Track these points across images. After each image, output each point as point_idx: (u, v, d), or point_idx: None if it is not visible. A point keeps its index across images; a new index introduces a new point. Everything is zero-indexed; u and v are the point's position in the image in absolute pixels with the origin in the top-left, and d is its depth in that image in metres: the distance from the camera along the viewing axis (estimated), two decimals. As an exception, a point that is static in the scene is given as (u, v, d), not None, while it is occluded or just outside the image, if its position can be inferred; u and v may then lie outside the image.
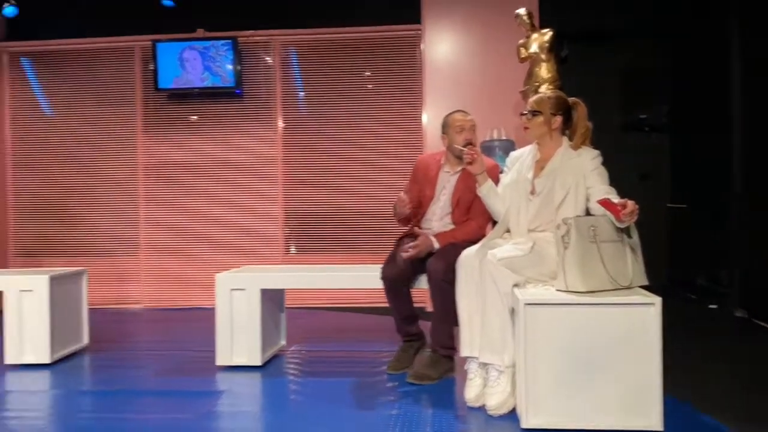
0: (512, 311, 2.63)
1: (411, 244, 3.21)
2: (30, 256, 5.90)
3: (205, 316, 3.94)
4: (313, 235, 5.69)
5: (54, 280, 3.64)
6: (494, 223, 3.19)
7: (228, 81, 5.52)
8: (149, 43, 5.63)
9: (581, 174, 2.82)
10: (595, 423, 2.39)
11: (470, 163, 2.99)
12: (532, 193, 2.90)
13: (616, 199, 2.59)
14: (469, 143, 3.22)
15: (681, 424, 2.48)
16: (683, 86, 5.84)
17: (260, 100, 5.73)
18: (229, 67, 5.51)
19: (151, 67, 5.63)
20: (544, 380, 2.43)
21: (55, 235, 5.91)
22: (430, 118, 5.33)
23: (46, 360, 3.58)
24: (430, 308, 5.02)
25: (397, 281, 3.22)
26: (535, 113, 2.92)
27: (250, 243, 5.71)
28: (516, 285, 2.66)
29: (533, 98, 3.00)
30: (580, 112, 2.94)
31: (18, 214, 5.95)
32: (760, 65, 4.50)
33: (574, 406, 2.41)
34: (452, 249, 3.07)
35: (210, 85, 5.55)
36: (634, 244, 2.65)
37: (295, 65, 5.73)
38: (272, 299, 3.69)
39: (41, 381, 3.35)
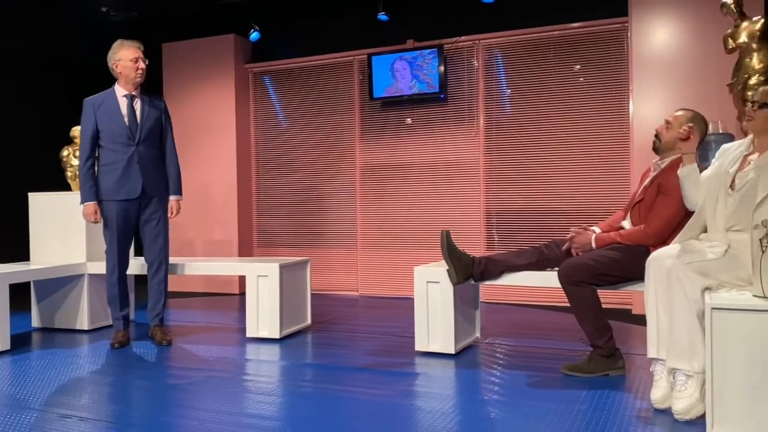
0: (703, 315, 2.54)
1: (571, 240, 3.34)
2: (269, 246, 6.86)
3: (411, 305, 4.26)
4: (514, 232, 5.80)
5: (283, 268, 4.28)
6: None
7: (433, 87, 5.88)
8: (365, 56, 6.21)
9: None
10: (792, 439, 2.24)
11: (683, 140, 2.94)
12: (732, 187, 2.72)
13: None
14: (655, 134, 3.25)
15: None
16: None
17: (462, 102, 6.00)
18: (435, 73, 5.86)
19: (362, 77, 6.21)
20: (733, 388, 2.32)
21: (289, 229, 6.80)
22: (636, 113, 5.14)
23: (276, 335, 4.23)
24: (635, 310, 4.88)
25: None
26: (764, 105, 2.68)
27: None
28: (708, 289, 2.56)
29: (765, 88, 2.76)
30: None
31: (260, 211, 6.95)
32: None
33: (766, 418, 2.27)
34: (589, 253, 3.22)
35: (417, 92, 5.96)
36: None
37: (497, 66, 5.90)
38: (467, 293, 3.91)
39: (272, 353, 3.98)
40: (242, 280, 6.47)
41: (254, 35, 6.55)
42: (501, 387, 3.14)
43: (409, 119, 6.20)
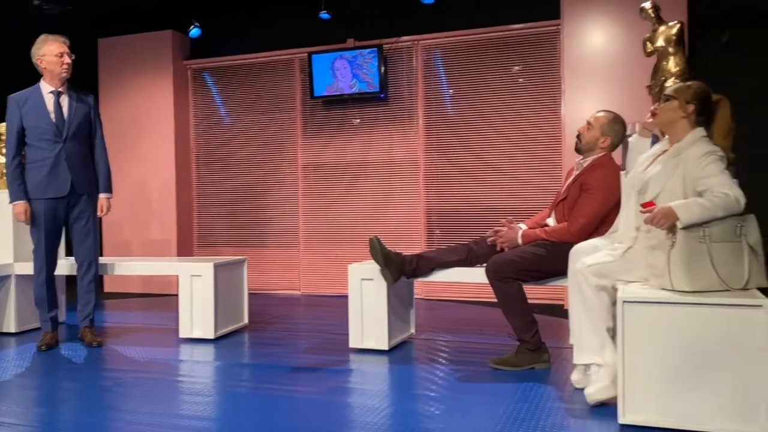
0: (605, 313, 2.72)
1: (497, 229, 3.44)
2: (211, 246, 6.77)
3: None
4: (454, 229, 5.89)
5: (218, 267, 4.24)
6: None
7: (373, 86, 5.92)
8: (306, 55, 6.20)
9: (681, 171, 2.62)
10: (695, 425, 2.35)
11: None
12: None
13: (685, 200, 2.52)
14: (577, 135, 3.39)
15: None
16: None
17: (403, 102, 6.06)
18: (375, 73, 5.90)
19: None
20: (642, 378, 2.43)
21: (230, 228, 6.73)
22: (568, 113, 5.29)
23: (211, 336, 4.19)
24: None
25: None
26: (669, 98, 2.76)
27: (393, 236, 6.04)
28: (605, 288, 2.72)
29: (673, 85, 2.89)
30: (723, 110, 2.74)
31: (200, 210, 6.85)
32: None
33: (674, 406, 2.39)
34: (515, 250, 3.31)
35: (357, 91, 6.00)
36: (755, 244, 2.53)
37: (436, 66, 5.98)
38: (402, 290, 3.96)
39: (206, 353, 3.94)
40: (181, 280, 6.37)
41: (194, 31, 6.44)
42: (431, 382, 3.20)
43: (357, 120, 6.21)
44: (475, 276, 3.53)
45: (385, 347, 3.73)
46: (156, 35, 6.65)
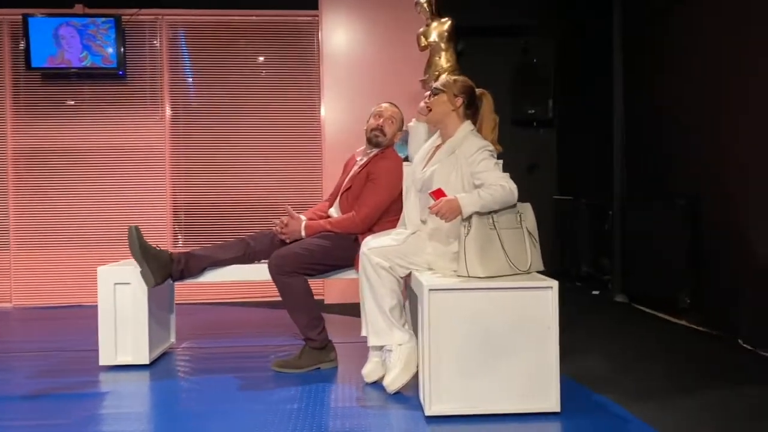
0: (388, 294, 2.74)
1: (281, 226, 3.19)
2: None
3: (87, 314, 3.63)
4: (203, 225, 5.41)
5: None
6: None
7: (110, 62, 5.13)
8: (20, 17, 5.12)
9: (458, 164, 2.73)
10: (495, 408, 2.41)
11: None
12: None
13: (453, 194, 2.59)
14: (377, 128, 3.25)
15: (576, 405, 2.55)
16: (569, 82, 6.10)
17: (145, 83, 5.37)
18: (111, 46, 5.12)
19: (22, 45, 5.13)
20: (446, 366, 2.42)
21: None
22: (327, 108, 5.23)
23: None
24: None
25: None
26: (438, 92, 2.85)
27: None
28: (384, 268, 2.72)
29: (444, 77, 2.97)
30: (487, 103, 2.90)
31: None
32: (638, 64, 4.78)
33: (476, 391, 2.41)
34: (299, 242, 3.12)
35: (89, 65, 5.14)
36: (532, 230, 2.71)
37: (183, 47, 5.43)
38: (161, 294, 3.45)
39: None
40: None
41: None
42: (205, 394, 2.83)
43: (76, 101, 5.29)
44: (255, 273, 3.22)
45: (146, 361, 3.21)
46: None
